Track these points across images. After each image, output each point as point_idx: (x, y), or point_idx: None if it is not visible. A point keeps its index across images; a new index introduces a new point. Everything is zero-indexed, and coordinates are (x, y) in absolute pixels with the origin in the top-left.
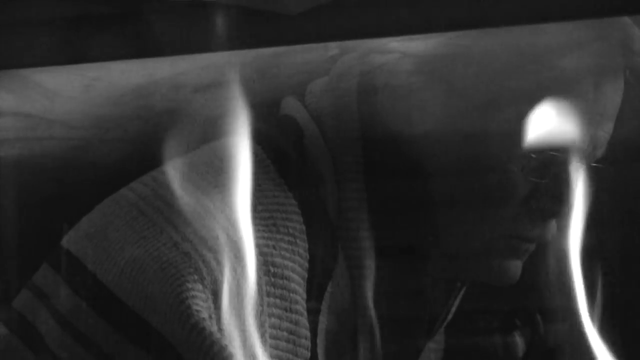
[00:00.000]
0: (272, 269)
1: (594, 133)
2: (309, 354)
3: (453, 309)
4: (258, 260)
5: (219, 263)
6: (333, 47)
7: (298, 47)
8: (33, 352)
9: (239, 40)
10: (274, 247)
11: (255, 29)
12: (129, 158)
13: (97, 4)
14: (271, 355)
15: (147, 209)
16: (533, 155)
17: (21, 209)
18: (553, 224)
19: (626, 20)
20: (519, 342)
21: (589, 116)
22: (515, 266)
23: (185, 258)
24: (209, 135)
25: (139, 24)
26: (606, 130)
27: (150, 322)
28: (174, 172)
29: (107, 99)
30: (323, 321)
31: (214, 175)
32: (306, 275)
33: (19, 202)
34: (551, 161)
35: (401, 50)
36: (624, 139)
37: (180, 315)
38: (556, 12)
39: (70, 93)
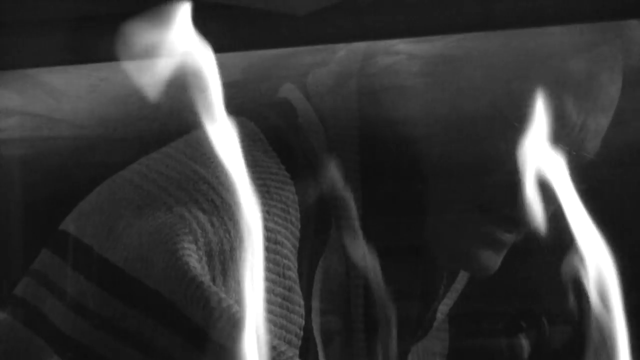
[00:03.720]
0: (265, 233)
1: (583, 120)
2: (302, 322)
3: (442, 307)
4: (252, 223)
5: (213, 225)
6: (340, 49)
7: (305, 49)
8: (40, 335)
9: (245, 41)
10: (267, 212)
11: (261, 31)
12: (135, 158)
13: (104, 4)
14: (266, 319)
15: (141, 181)
16: (516, 124)
17: (27, 208)
18: (538, 212)
19: (628, 23)
20: (524, 344)
21: (579, 102)
22: (493, 256)
23: (180, 220)
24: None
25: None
26: (598, 122)
27: (148, 284)
28: (168, 149)
29: (113, 99)
30: (316, 294)
31: (208, 147)
32: (297, 245)
33: (25, 202)
34: None
35: (408, 52)
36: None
37: (177, 272)
38: (562, 15)
39: (77, 93)
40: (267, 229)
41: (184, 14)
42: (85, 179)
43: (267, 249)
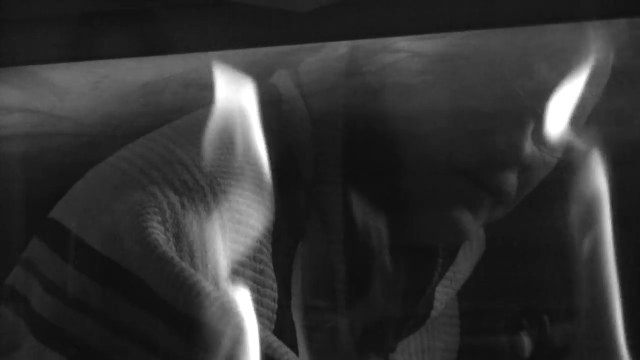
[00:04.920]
0: (236, 216)
1: (555, 80)
2: (275, 305)
3: (439, 295)
4: (224, 206)
5: (183, 206)
6: (342, 46)
7: (307, 46)
8: (22, 319)
9: (248, 38)
10: (240, 195)
11: (264, 27)
12: None
13: (106, 1)
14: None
15: (121, 163)
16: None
17: (29, 205)
18: (510, 175)
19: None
20: (526, 342)
21: (553, 64)
22: (467, 218)
23: (151, 198)
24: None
25: (149, 21)
26: (578, 96)
27: (120, 263)
28: (154, 133)
29: (116, 96)
30: (296, 281)
31: (189, 130)
32: (272, 229)
33: (27, 198)
34: (512, 100)
35: (410, 50)
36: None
37: (146, 248)
38: (565, 13)
39: (80, 90)
40: (238, 211)
41: None
42: None
43: (237, 232)
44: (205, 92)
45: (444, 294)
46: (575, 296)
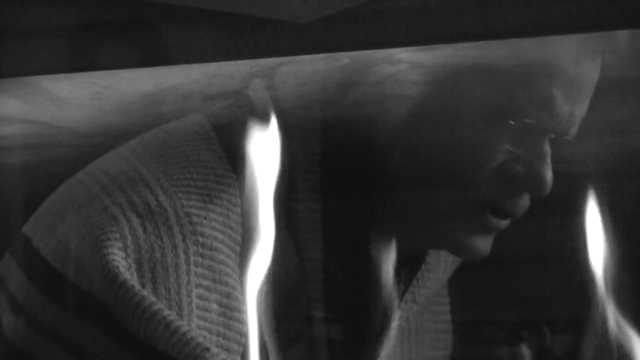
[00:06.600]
0: (200, 239)
1: (571, 109)
2: (245, 328)
3: (409, 295)
4: (187, 229)
5: (145, 230)
6: (343, 57)
7: (307, 57)
8: None
9: (247, 49)
10: (205, 218)
11: (264, 39)
12: None
13: (106, 12)
14: (199, 327)
15: (87, 180)
16: (512, 122)
17: (29, 216)
18: (525, 199)
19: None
20: (526, 353)
21: (568, 91)
22: (485, 240)
23: (113, 222)
24: None
25: (148, 32)
26: (582, 109)
27: (82, 287)
28: (122, 147)
29: (115, 107)
30: (268, 300)
31: (157, 146)
32: (239, 249)
33: (27, 209)
34: (528, 130)
35: (411, 61)
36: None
37: (107, 275)
38: (562, 25)
39: (79, 100)
40: (202, 234)
41: None
42: None
43: (202, 255)
44: (204, 103)
45: (418, 295)
46: (575, 307)
